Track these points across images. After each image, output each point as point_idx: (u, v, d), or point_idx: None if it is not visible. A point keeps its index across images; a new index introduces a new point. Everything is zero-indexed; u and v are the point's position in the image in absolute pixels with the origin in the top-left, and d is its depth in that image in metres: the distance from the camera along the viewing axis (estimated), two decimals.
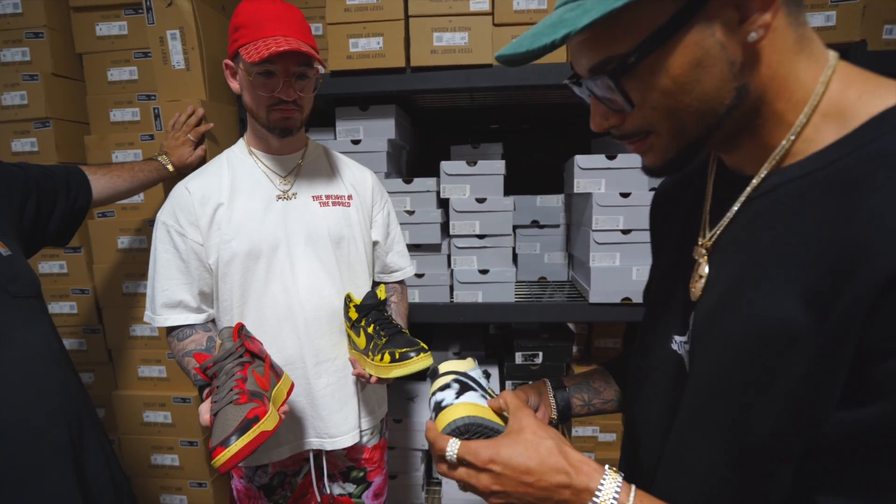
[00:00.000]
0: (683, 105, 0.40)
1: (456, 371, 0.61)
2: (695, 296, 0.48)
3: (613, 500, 0.43)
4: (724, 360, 0.42)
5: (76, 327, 1.41)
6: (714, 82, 0.39)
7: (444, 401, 0.57)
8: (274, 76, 0.87)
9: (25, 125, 1.32)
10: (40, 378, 0.77)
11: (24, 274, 0.82)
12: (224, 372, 0.78)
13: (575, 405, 0.70)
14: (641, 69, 0.40)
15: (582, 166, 1.38)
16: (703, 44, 0.38)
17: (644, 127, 0.43)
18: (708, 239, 0.48)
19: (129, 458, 1.44)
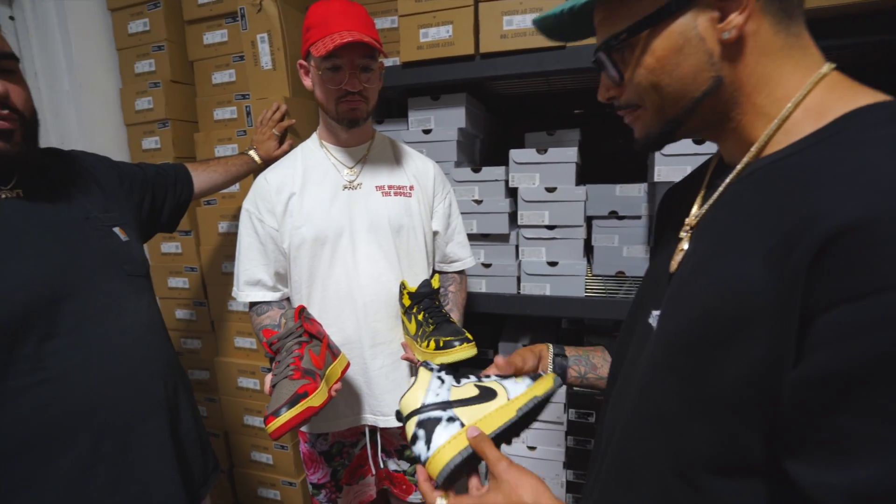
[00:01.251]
0: (664, 84, 0.46)
1: (413, 411, 0.61)
2: (672, 269, 0.52)
3: None
4: (688, 320, 0.45)
5: (188, 300, 1.63)
6: (691, 69, 0.45)
7: (420, 455, 0.59)
8: (340, 70, 0.92)
9: (151, 126, 1.55)
10: (145, 344, 0.91)
11: (137, 257, 0.97)
12: (285, 349, 0.86)
13: (570, 375, 0.75)
14: (632, 47, 0.46)
15: (664, 153, 1.26)
16: (686, 34, 0.44)
17: (634, 100, 0.50)
18: (693, 218, 0.52)
19: (228, 416, 1.64)
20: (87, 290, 0.84)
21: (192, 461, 0.98)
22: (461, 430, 0.58)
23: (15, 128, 0.76)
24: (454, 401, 0.62)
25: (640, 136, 0.52)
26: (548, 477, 1.55)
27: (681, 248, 0.52)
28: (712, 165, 0.57)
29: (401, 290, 1.01)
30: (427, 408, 0.61)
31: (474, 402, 0.62)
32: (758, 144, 0.45)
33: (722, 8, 0.42)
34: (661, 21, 0.44)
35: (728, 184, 0.48)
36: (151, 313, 0.96)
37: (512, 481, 0.52)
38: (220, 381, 1.62)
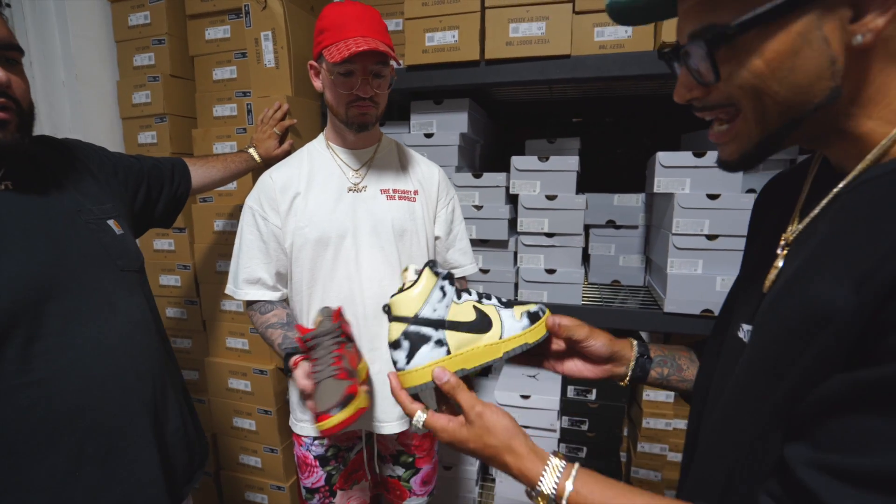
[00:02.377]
0: (771, 91, 0.40)
1: (404, 318, 0.58)
2: (766, 287, 0.49)
3: (553, 487, 0.48)
4: (773, 337, 0.43)
5: (179, 298, 1.60)
6: (808, 76, 0.38)
7: (397, 363, 0.59)
8: (353, 75, 0.92)
9: (148, 120, 1.52)
10: (136, 342, 0.89)
11: (132, 251, 0.95)
12: (323, 347, 0.87)
13: (651, 376, 0.68)
14: (739, 44, 0.39)
15: (664, 164, 1.27)
16: (808, 35, 0.37)
17: (728, 101, 0.43)
18: (790, 233, 0.48)
19: (216, 418, 1.61)
20: (77, 289, 0.82)
21: (177, 461, 0.95)
22: (444, 358, 0.58)
23: (11, 118, 0.74)
24: (448, 321, 0.59)
25: (733, 157, 0.45)
26: None
27: (775, 265, 0.48)
28: (813, 170, 0.50)
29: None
30: (420, 321, 0.58)
31: (468, 328, 0.59)
32: (877, 151, 0.40)
33: (857, 5, 0.36)
34: (779, 17, 0.37)
35: (837, 193, 0.43)
36: (143, 310, 0.94)
37: (485, 424, 0.53)
38: (209, 382, 1.59)
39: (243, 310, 1.51)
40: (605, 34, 1.23)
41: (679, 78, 0.46)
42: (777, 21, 0.37)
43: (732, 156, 0.45)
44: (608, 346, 0.66)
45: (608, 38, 1.23)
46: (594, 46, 1.24)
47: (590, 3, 1.23)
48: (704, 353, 0.63)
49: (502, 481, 1.59)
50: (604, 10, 1.31)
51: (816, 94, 0.39)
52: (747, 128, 0.43)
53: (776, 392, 0.41)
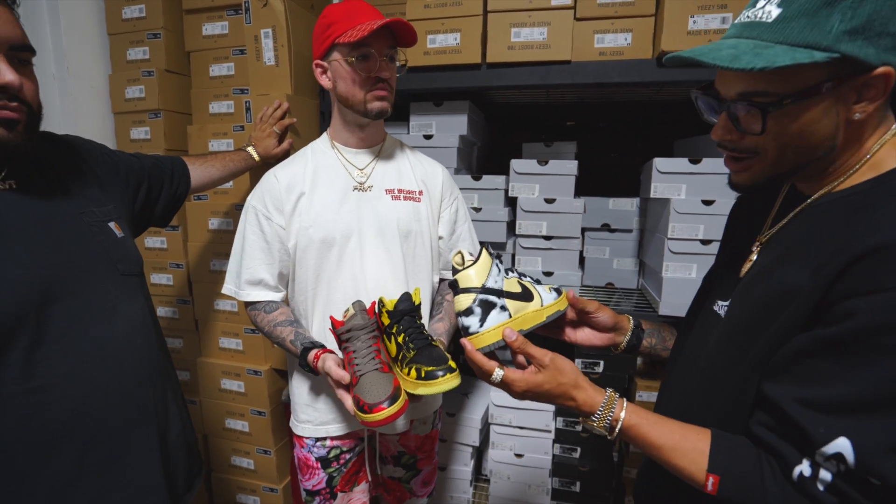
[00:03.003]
0: (794, 145, 0.54)
1: (473, 288, 0.70)
2: (742, 273, 0.65)
3: (608, 418, 0.62)
4: (748, 309, 0.59)
5: (171, 297, 1.58)
6: (820, 137, 0.53)
7: (470, 328, 0.70)
8: (370, 59, 0.92)
9: (142, 115, 1.49)
10: (136, 347, 0.87)
11: (132, 254, 0.93)
12: (360, 340, 0.87)
13: (643, 345, 0.85)
14: (786, 111, 0.52)
15: (661, 170, 1.29)
16: (828, 110, 0.51)
17: (755, 149, 0.56)
18: (764, 236, 0.64)
19: (208, 419, 1.58)
20: (80, 292, 0.80)
21: (178, 468, 0.94)
22: (509, 320, 0.70)
23: (21, 119, 0.72)
24: (506, 291, 0.72)
25: (746, 182, 0.59)
26: (534, 483, 1.56)
27: (751, 258, 0.64)
28: (783, 193, 0.66)
29: (379, 309, 0.92)
30: (487, 290, 0.70)
31: (518, 298, 0.73)
32: (832, 184, 0.57)
33: (861, 95, 0.50)
34: (815, 95, 0.50)
35: (797, 212, 0.60)
36: (143, 314, 0.92)
37: (556, 367, 0.65)
38: (201, 383, 1.57)
39: (237, 310, 1.49)
40: (605, 41, 1.25)
41: (720, 121, 0.58)
42: (814, 97, 0.50)
43: (745, 182, 0.59)
44: (613, 317, 0.82)
45: (608, 44, 1.25)
46: (594, 53, 1.26)
47: (590, 10, 1.24)
48: (681, 326, 0.79)
49: (496, 482, 1.60)
50: (604, 17, 1.33)
51: (821, 150, 0.54)
52: (762, 167, 0.56)
53: (753, 347, 0.56)
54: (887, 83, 0.49)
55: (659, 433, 0.60)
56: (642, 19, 1.23)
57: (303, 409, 1.07)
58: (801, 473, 0.50)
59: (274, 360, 1.50)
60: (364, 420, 0.80)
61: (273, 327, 1.00)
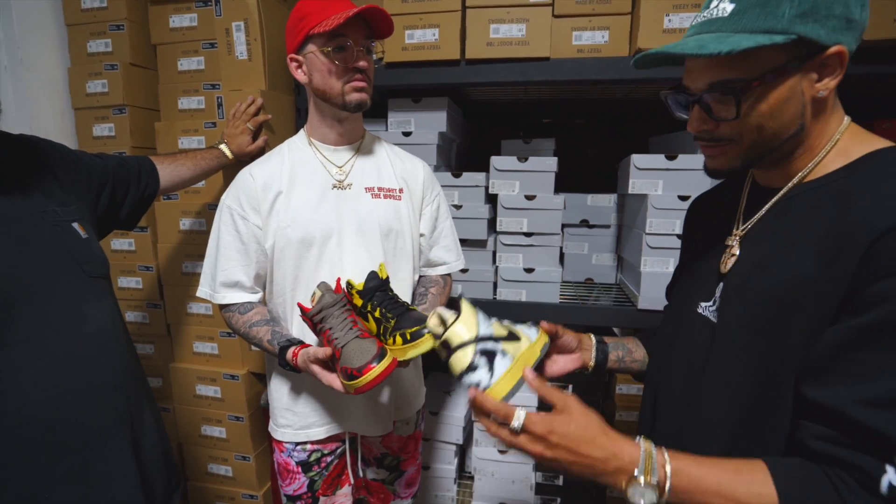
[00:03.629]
0: (768, 126, 0.56)
1: (469, 341, 0.66)
2: (725, 270, 0.63)
3: (653, 469, 0.53)
4: (755, 307, 0.57)
5: (140, 301, 1.51)
6: (790, 116, 0.55)
7: (481, 382, 0.64)
8: (346, 49, 0.90)
9: (105, 111, 1.42)
10: (108, 352, 0.83)
11: (98, 256, 0.88)
12: (334, 316, 0.86)
13: (610, 360, 0.83)
14: (756, 93, 0.54)
15: (639, 166, 1.31)
16: (795, 88, 0.54)
17: (732, 136, 0.58)
18: (740, 230, 0.64)
19: (182, 426, 1.53)
20: (45, 294, 0.76)
21: (156, 478, 0.90)
22: (513, 364, 0.65)
23: None
24: (498, 336, 0.68)
25: (723, 167, 0.60)
26: (518, 479, 1.57)
27: (732, 252, 0.63)
28: (746, 187, 0.67)
29: (348, 290, 0.93)
30: (484, 339, 0.66)
31: (510, 339, 0.69)
32: (801, 174, 0.59)
33: (821, 73, 0.54)
34: (784, 75, 0.53)
35: (773, 203, 0.61)
36: (113, 318, 0.88)
37: (581, 409, 0.59)
38: (174, 389, 1.51)
39: (212, 314, 1.44)
40: (582, 38, 1.26)
41: (693, 114, 0.60)
42: (781, 77, 0.53)
43: (722, 167, 0.61)
44: (575, 337, 0.82)
45: (586, 42, 1.26)
46: (572, 50, 1.27)
47: (568, 7, 1.25)
48: (659, 331, 0.76)
49: (480, 479, 1.61)
50: (581, 15, 1.33)
51: (791, 128, 0.56)
52: (737, 151, 0.58)
53: (776, 350, 0.54)
54: (842, 60, 0.52)
55: (711, 473, 0.52)
56: (619, 17, 1.24)
57: (282, 413, 1.04)
58: (890, 483, 0.45)
59: (251, 363, 1.46)
60: (356, 386, 0.78)
61: (249, 328, 0.97)
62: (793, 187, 0.59)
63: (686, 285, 0.72)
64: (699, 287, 0.68)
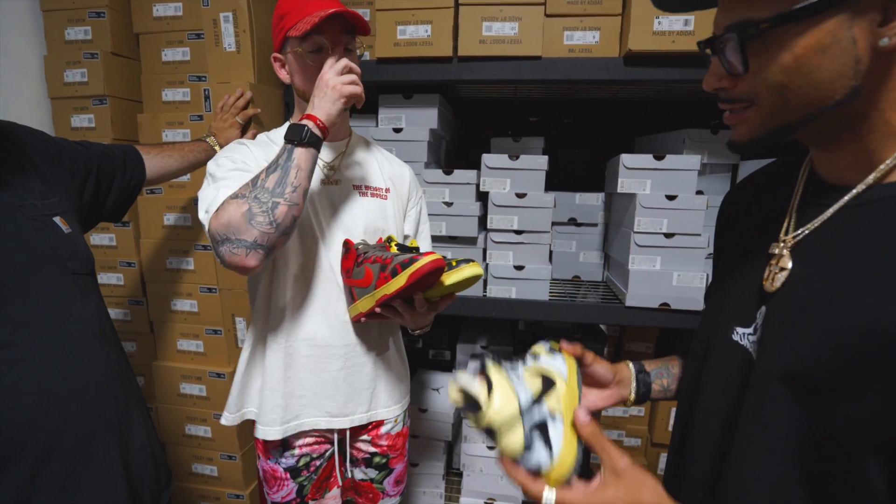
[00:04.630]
0: (794, 85, 0.41)
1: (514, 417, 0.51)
2: (771, 288, 0.48)
3: None
4: (816, 354, 0.42)
5: (122, 298, 1.47)
6: (832, 74, 0.40)
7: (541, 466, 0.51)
8: (323, 51, 0.88)
9: (84, 102, 1.37)
10: (94, 353, 0.80)
11: (82, 252, 0.85)
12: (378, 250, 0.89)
13: (654, 391, 0.70)
14: (770, 39, 0.41)
15: (627, 165, 1.34)
16: (837, 34, 0.39)
17: (750, 96, 0.45)
18: (791, 237, 0.49)
19: (166, 426, 1.49)
20: (25, 294, 0.73)
21: (144, 482, 0.88)
22: (566, 427, 0.53)
23: None
24: (538, 395, 0.54)
25: (744, 139, 0.47)
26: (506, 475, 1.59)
27: (781, 265, 0.48)
28: (802, 178, 0.52)
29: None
30: (527, 409, 0.52)
31: (547, 389, 0.55)
32: (883, 168, 0.42)
33: (888, 10, 0.38)
34: (813, 14, 0.39)
35: (844, 206, 0.45)
36: (99, 317, 0.85)
37: (636, 478, 0.47)
38: (158, 388, 1.47)
39: (197, 311, 1.41)
40: (574, 38, 1.27)
41: (710, 67, 0.48)
42: (811, 18, 0.39)
43: (743, 138, 0.47)
44: (610, 369, 0.68)
45: (577, 42, 1.27)
46: (563, 49, 1.28)
47: (560, 7, 1.26)
48: (689, 357, 0.63)
49: (469, 475, 1.62)
50: (573, 15, 1.34)
51: (837, 91, 0.41)
52: (759, 118, 0.45)
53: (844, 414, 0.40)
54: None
55: None
56: (610, 18, 1.25)
57: (259, 406, 1.02)
58: None
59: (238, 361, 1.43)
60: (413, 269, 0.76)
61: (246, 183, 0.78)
62: (873, 185, 0.43)
63: (719, 301, 0.59)
64: (735, 306, 0.54)
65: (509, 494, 1.60)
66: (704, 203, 1.29)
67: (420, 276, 0.77)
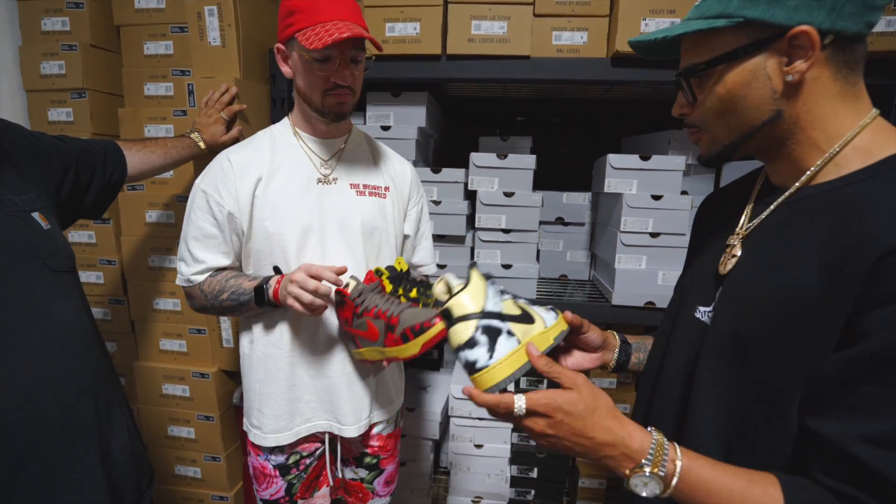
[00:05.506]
0: (729, 111, 0.54)
1: (472, 314, 0.58)
2: (724, 271, 0.59)
3: (663, 462, 0.51)
4: (754, 317, 0.53)
5: (102, 297, 1.43)
6: (755, 101, 0.52)
7: (478, 361, 0.57)
8: (330, 61, 0.86)
9: (62, 95, 1.33)
10: (74, 354, 0.78)
11: (62, 248, 0.83)
12: (376, 297, 0.85)
13: (632, 361, 0.78)
14: (709, 76, 0.54)
15: (614, 165, 1.35)
16: (756, 71, 0.51)
17: (700, 122, 0.58)
18: (744, 230, 0.60)
19: (147, 427, 1.46)
20: (2, 293, 0.71)
21: (126, 483, 0.86)
22: (519, 346, 0.59)
23: None
24: (507, 314, 0.61)
25: (703, 153, 0.60)
26: (493, 473, 1.60)
27: (732, 253, 0.59)
28: (759, 184, 0.63)
29: (378, 275, 0.91)
30: (489, 314, 0.59)
31: (520, 320, 0.62)
32: (809, 173, 0.54)
33: (790, 55, 0.49)
34: (737, 59, 0.51)
35: (780, 203, 0.56)
36: (80, 316, 0.83)
37: (592, 388, 0.55)
38: (139, 389, 1.44)
39: (181, 309, 1.39)
40: (562, 38, 1.28)
41: (678, 98, 0.60)
42: (735, 61, 0.52)
43: (703, 154, 0.60)
44: (601, 335, 0.76)
45: (565, 42, 1.28)
46: (552, 49, 1.29)
47: (549, 7, 1.26)
48: (658, 333, 0.73)
49: (456, 473, 1.62)
50: (563, 15, 1.35)
51: (763, 114, 0.53)
52: (708, 138, 0.58)
53: (774, 367, 0.50)
54: (811, 41, 0.48)
55: (723, 478, 0.49)
56: (597, 19, 1.26)
57: (256, 414, 1.01)
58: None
59: (222, 360, 1.41)
60: (424, 340, 0.76)
61: (227, 281, 0.93)
62: (801, 187, 0.54)
63: (687, 287, 0.68)
64: (699, 289, 0.63)
65: (497, 493, 1.61)
66: (689, 203, 1.31)
67: (433, 345, 0.78)
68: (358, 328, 0.87)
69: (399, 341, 0.80)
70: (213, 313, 0.99)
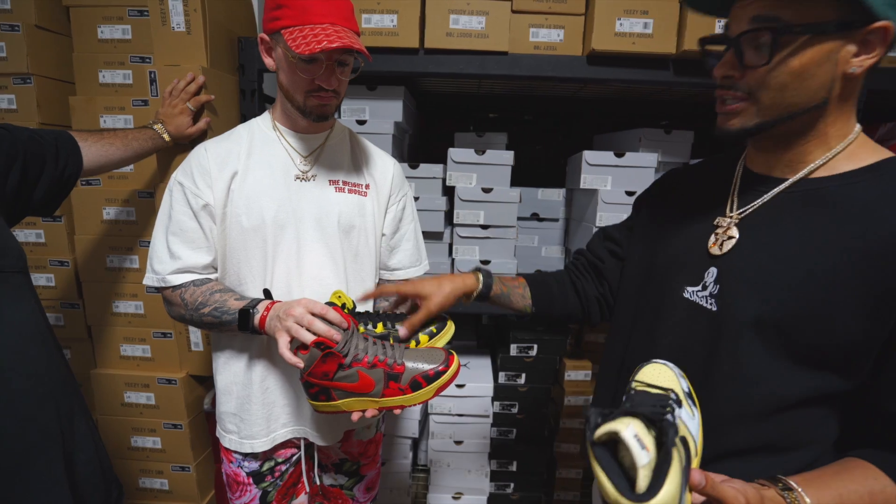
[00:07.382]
0: (792, 87, 0.52)
1: None
2: (719, 252, 0.60)
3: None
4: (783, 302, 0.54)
5: (53, 301, 1.33)
6: (817, 84, 0.51)
7: None
8: (316, 63, 0.83)
9: (4, 80, 1.22)
10: (31, 361, 0.72)
11: (11, 247, 0.75)
12: (359, 343, 0.79)
13: (493, 292, 0.87)
14: (789, 43, 0.50)
15: (590, 162, 1.37)
16: (830, 54, 0.50)
17: (752, 89, 0.54)
18: (737, 214, 0.61)
19: (107, 439, 1.37)
20: None
21: (92, 497, 0.80)
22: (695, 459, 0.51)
23: None
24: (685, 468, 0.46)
25: (734, 127, 0.56)
26: (473, 468, 1.60)
27: (728, 234, 0.60)
28: (739, 170, 0.64)
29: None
30: None
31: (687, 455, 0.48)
32: (812, 166, 0.56)
33: (860, 48, 0.50)
34: (825, 33, 0.49)
35: (781, 191, 0.58)
36: (35, 320, 0.76)
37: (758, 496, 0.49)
38: (98, 398, 1.35)
39: (143, 312, 1.30)
40: (539, 35, 1.29)
41: (724, 58, 0.56)
42: (822, 35, 0.49)
43: (734, 128, 0.56)
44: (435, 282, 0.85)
45: (542, 39, 1.29)
46: (529, 46, 1.29)
47: (526, 3, 1.27)
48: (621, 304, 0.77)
49: (436, 471, 1.62)
50: (541, 13, 1.35)
51: (814, 100, 0.52)
52: (756, 110, 0.55)
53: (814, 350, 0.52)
54: (885, 38, 0.49)
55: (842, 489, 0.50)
56: (573, 17, 1.28)
57: (230, 418, 0.96)
58: None
59: (191, 365, 1.34)
60: (440, 384, 0.77)
61: (210, 295, 0.87)
62: (803, 179, 0.56)
63: (670, 267, 0.67)
64: (681, 270, 0.64)
65: (477, 487, 1.62)
66: None
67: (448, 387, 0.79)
68: (343, 381, 0.76)
69: (408, 390, 0.76)
70: (192, 325, 0.93)
